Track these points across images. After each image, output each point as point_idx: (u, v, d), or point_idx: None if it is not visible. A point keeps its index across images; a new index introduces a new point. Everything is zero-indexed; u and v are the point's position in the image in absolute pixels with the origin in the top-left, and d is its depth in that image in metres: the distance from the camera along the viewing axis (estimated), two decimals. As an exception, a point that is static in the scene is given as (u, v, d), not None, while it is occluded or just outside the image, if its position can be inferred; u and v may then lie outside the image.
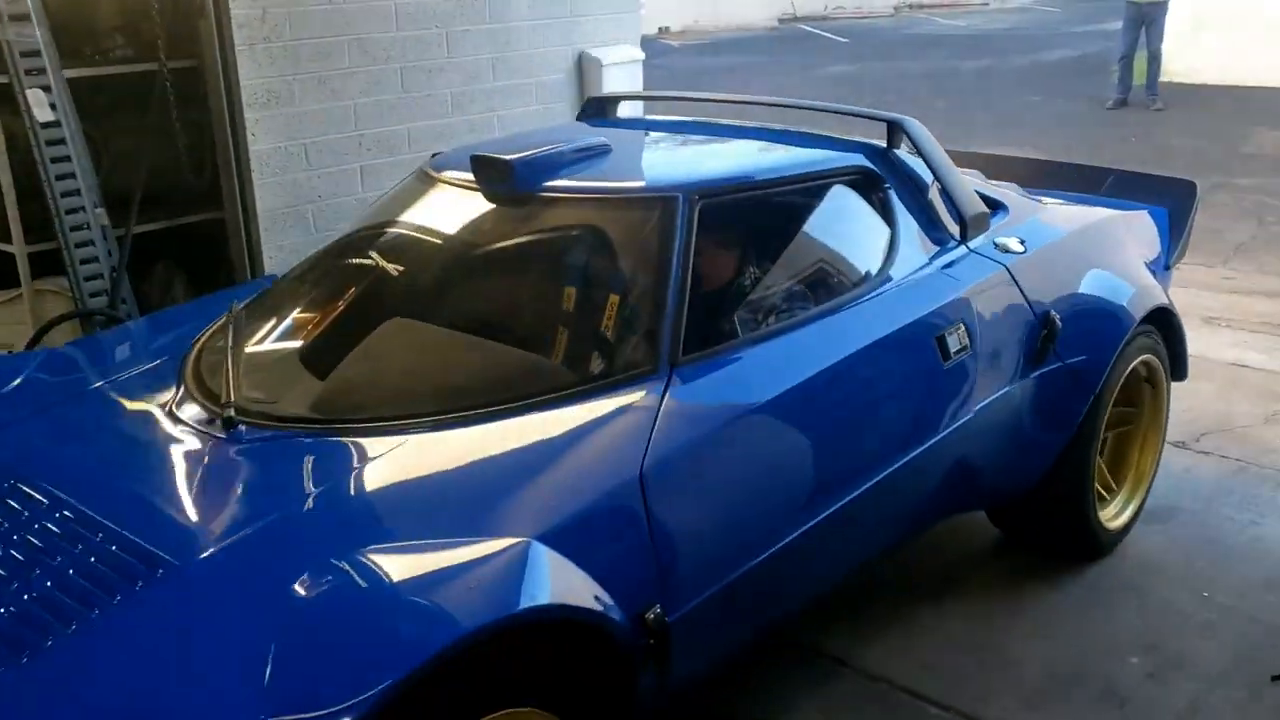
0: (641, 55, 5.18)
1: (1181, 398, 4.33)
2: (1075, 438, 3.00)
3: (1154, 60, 11.21)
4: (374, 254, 2.67)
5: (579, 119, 3.45)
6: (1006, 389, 2.83)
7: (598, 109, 3.43)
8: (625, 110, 3.57)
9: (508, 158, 2.48)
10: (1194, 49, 12.44)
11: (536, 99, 4.86)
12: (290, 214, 4.19)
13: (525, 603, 1.73)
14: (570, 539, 1.86)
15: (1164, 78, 11.51)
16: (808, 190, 2.76)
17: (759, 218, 2.67)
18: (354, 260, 2.75)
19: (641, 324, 2.27)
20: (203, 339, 2.57)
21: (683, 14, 21.71)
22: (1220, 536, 3.45)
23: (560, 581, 1.81)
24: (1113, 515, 3.31)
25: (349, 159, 4.32)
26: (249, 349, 2.44)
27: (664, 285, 2.27)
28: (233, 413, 2.11)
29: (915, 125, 2.97)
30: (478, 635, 1.64)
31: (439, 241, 2.70)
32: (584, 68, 4.98)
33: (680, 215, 2.36)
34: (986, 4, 25.46)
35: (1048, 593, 3.17)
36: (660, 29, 20.48)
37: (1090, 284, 3.07)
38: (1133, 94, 11.26)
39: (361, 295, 2.63)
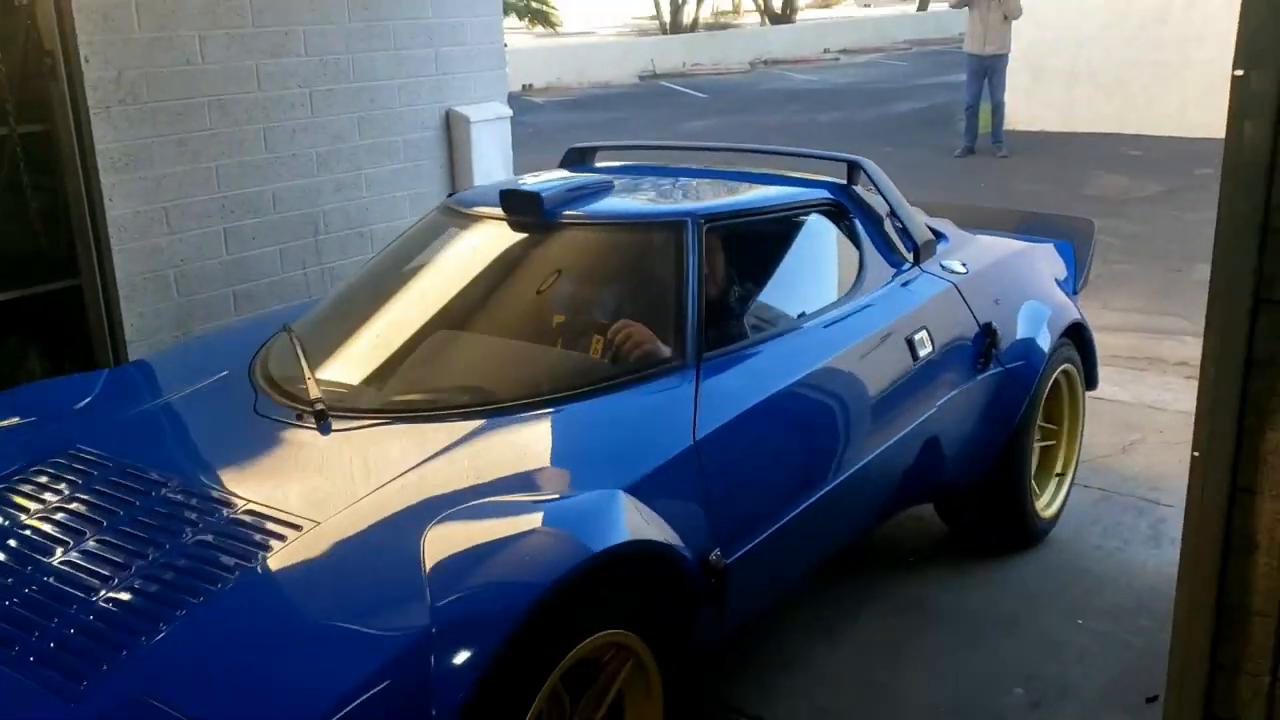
0: (509, 112, 5.21)
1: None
2: (1014, 433, 3.40)
3: (998, 110, 11.78)
4: (412, 275, 3.09)
5: (560, 166, 3.72)
6: (961, 387, 3.26)
7: (577, 158, 3.77)
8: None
9: (536, 190, 2.91)
10: (1034, 99, 13.15)
11: (405, 157, 4.83)
12: (152, 280, 4.04)
13: (622, 538, 2.09)
14: (645, 496, 2.23)
15: (1008, 126, 12.11)
16: (790, 218, 3.23)
17: (752, 239, 3.12)
18: (395, 280, 3.12)
19: (670, 326, 2.67)
20: (261, 354, 2.92)
21: (546, 71, 21.94)
22: (1090, 564, 3.59)
23: (646, 524, 2.18)
24: (1045, 505, 3.71)
25: (212, 221, 4.20)
26: (316, 358, 2.73)
27: (684, 293, 2.68)
28: (323, 408, 2.48)
29: (870, 165, 3.46)
30: (591, 563, 1.99)
31: (476, 263, 3.03)
32: (452, 125, 4.98)
33: (690, 235, 2.78)
34: (837, 59, 26.42)
35: (929, 627, 3.24)
36: (524, 86, 20.64)
37: (1021, 301, 3.54)
38: (979, 142, 11.80)
39: (409, 310, 2.96)
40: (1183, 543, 2.06)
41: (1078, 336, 3.68)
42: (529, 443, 2.41)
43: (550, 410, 2.48)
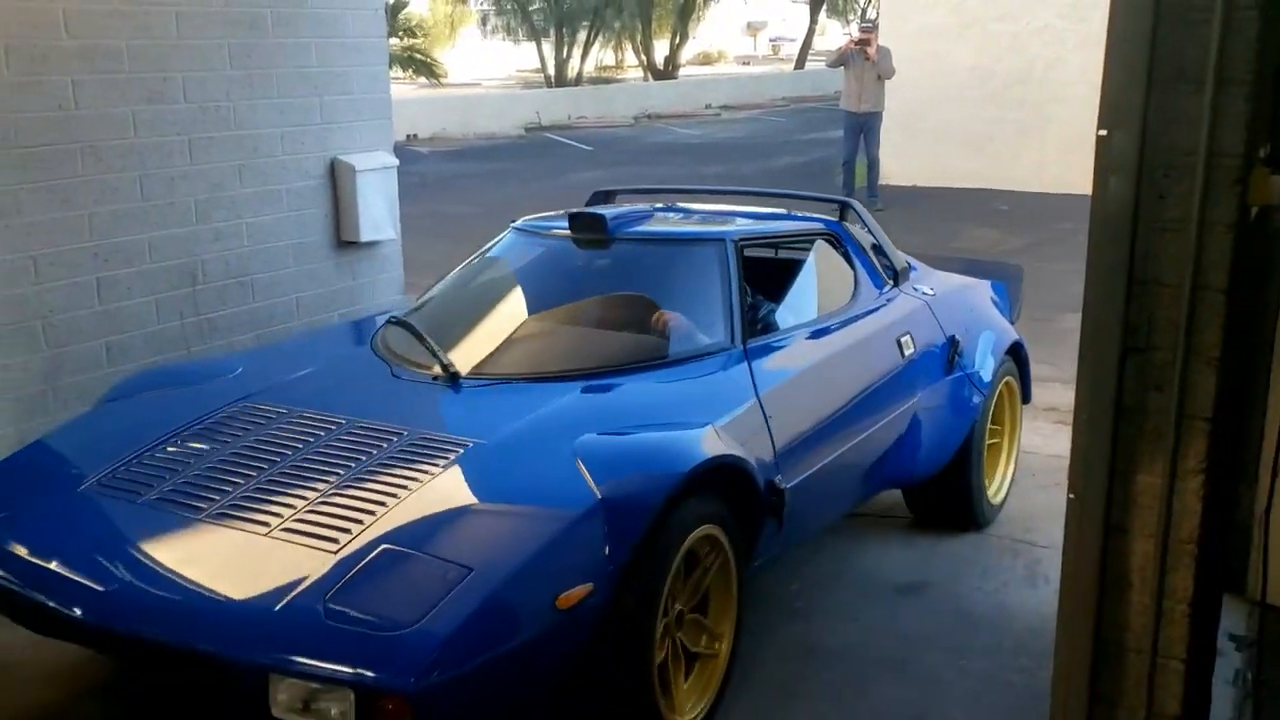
0: (395, 161, 5.17)
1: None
2: (971, 429, 4.04)
3: (873, 165, 12.17)
4: (498, 280, 3.82)
5: (587, 205, 4.28)
6: (935, 383, 3.95)
7: (603, 198, 4.48)
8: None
9: (602, 214, 3.69)
10: (908, 155, 13.63)
11: (288, 206, 4.75)
12: (18, 331, 3.88)
13: (720, 452, 2.81)
14: (728, 433, 2.95)
15: (883, 181, 12.52)
16: (799, 241, 4.05)
17: (775, 258, 4.05)
18: (482, 284, 3.86)
19: (719, 318, 3.42)
20: (377, 339, 3.57)
21: (431, 122, 21.86)
22: (970, 606, 3.68)
23: (736, 448, 2.89)
24: (994, 493, 4.33)
25: (83, 270, 4.06)
26: (433, 339, 3.31)
27: (729, 294, 3.46)
28: (456, 371, 3.18)
29: (857, 204, 4.32)
30: (702, 467, 2.70)
31: (553, 270, 3.82)
32: (337, 174, 4.92)
33: (729, 251, 3.57)
34: (718, 115, 26.97)
35: (817, 670, 3.27)
36: (409, 136, 20.51)
37: (976, 321, 4.26)
38: (856, 195, 12.15)
39: (502, 305, 3.66)
40: (1061, 583, 2.13)
41: (1017, 355, 4.37)
42: (629, 396, 3.14)
43: (635, 376, 3.22)
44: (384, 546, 2.42)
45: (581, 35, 33.55)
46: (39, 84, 3.85)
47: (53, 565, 2.56)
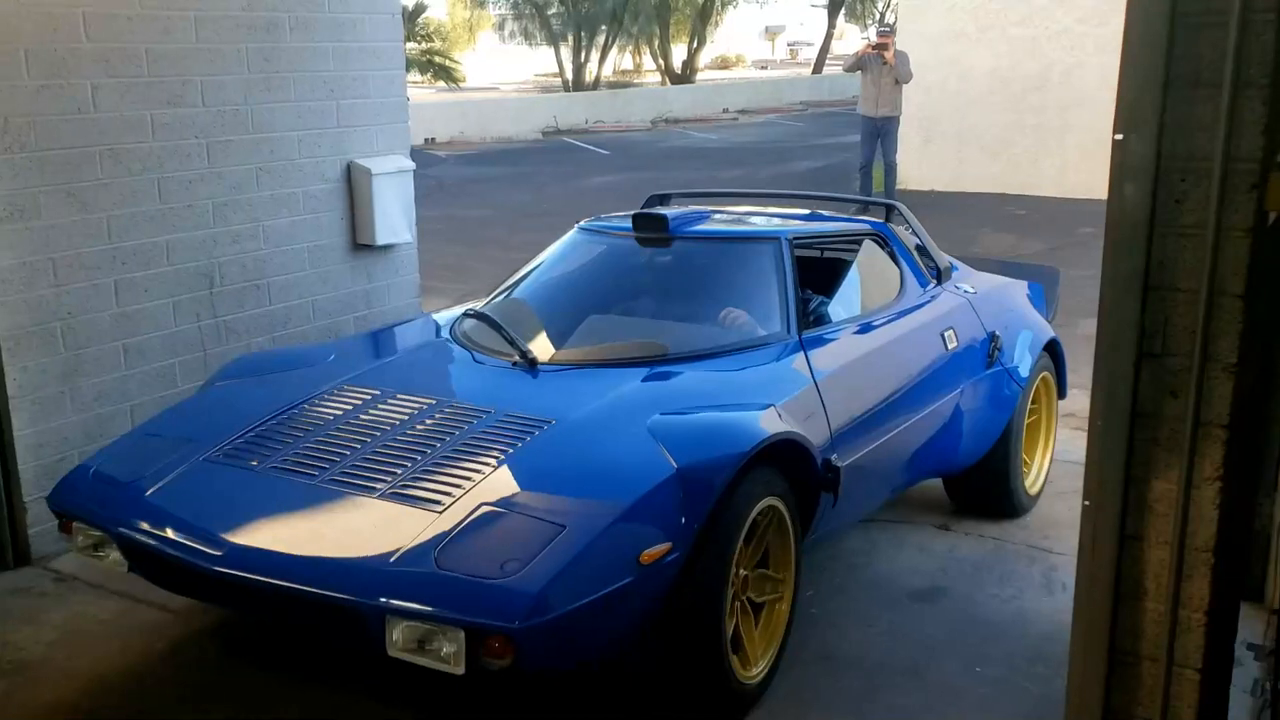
0: (412, 165, 5.18)
1: (938, 483, 4.60)
2: (1010, 421, 4.21)
3: (890, 170, 12.14)
4: (566, 276, 4.09)
5: (645, 206, 4.53)
6: (976, 376, 4.11)
7: (658, 200, 4.68)
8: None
9: (665, 214, 3.95)
10: (926, 159, 13.61)
11: (304, 209, 4.76)
12: (37, 333, 3.90)
13: (782, 429, 3.03)
14: (788, 414, 3.17)
15: (900, 185, 12.48)
16: (849, 240, 4.23)
17: (823, 256, 4.25)
18: (552, 281, 4.08)
19: (776, 310, 3.65)
20: (455, 330, 3.84)
21: (448, 126, 21.94)
22: (986, 613, 3.66)
23: (796, 427, 3.12)
24: (1030, 483, 4.49)
25: (102, 273, 4.08)
26: (508, 329, 3.57)
27: (784, 288, 3.69)
28: (534, 357, 3.45)
29: (904, 207, 4.54)
30: (767, 441, 2.93)
31: (619, 266, 4.07)
32: (353, 177, 4.93)
33: (784, 248, 3.79)
34: (736, 119, 26.98)
35: (832, 677, 3.26)
36: (426, 140, 20.60)
37: (1015, 318, 4.44)
38: (873, 201, 12.13)
39: (573, 299, 3.95)
40: (1075, 590, 2.12)
41: (1053, 351, 4.52)
42: (696, 380, 3.35)
43: (700, 363, 3.45)
44: (484, 507, 2.71)
45: (599, 40, 33.59)
46: (59, 87, 3.88)
47: (187, 527, 2.84)
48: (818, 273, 4.09)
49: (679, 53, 36.61)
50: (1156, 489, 1.97)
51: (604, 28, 32.95)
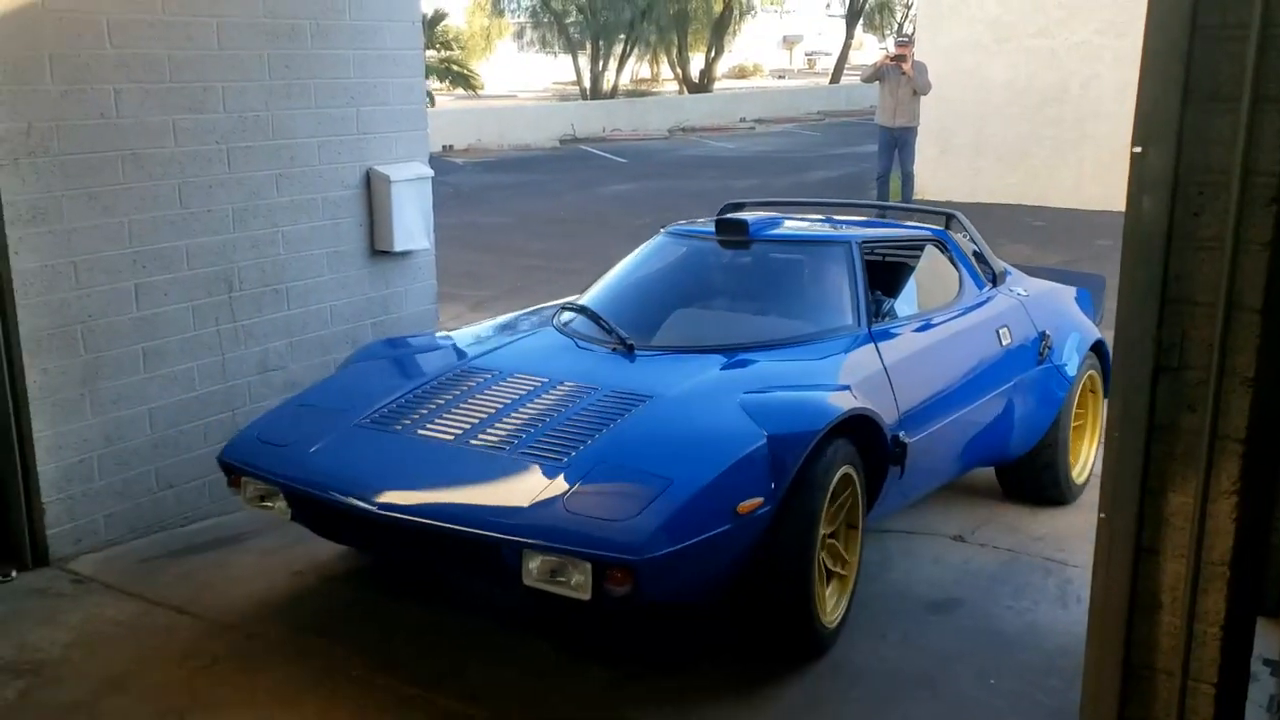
0: (430, 172, 5.21)
1: (954, 493, 4.60)
2: (1058, 414, 4.52)
3: (907, 180, 12.13)
4: (655, 275, 4.49)
5: (720, 213, 4.81)
6: (1027, 371, 4.42)
7: (733, 208, 5.01)
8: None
9: (745, 219, 4.39)
10: (942, 170, 13.58)
11: (324, 215, 4.79)
12: (57, 335, 3.93)
13: (857, 405, 3.43)
14: (862, 394, 3.54)
15: (917, 195, 12.46)
16: (912, 245, 4.63)
17: (889, 259, 4.64)
18: (643, 279, 4.50)
19: (848, 305, 4.03)
20: (556, 321, 4.25)
21: (467, 133, 22.02)
22: (1000, 625, 3.65)
23: (869, 405, 3.49)
24: (1077, 474, 4.76)
25: (122, 277, 4.11)
26: (606, 320, 4.01)
27: (856, 284, 4.07)
28: (632, 343, 3.86)
29: (961, 216, 4.97)
30: (844, 415, 3.32)
31: (704, 266, 4.46)
32: (372, 184, 4.96)
33: (854, 251, 4.18)
34: (753, 129, 26.98)
35: (846, 688, 3.25)
36: (444, 147, 20.66)
37: (1064, 320, 4.76)
38: (889, 211, 12.11)
39: (663, 295, 4.35)
40: (1090, 603, 2.11)
41: (1099, 352, 4.77)
42: (778, 364, 3.73)
43: (780, 350, 3.84)
44: (601, 464, 3.14)
45: (617, 48, 33.65)
46: (82, 92, 3.91)
47: (348, 479, 3.29)
48: (885, 274, 4.49)
49: (697, 62, 36.65)
50: (1173, 502, 1.97)
51: (622, 36, 33.02)
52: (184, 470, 4.39)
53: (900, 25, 38.95)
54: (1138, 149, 1.91)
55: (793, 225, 4.71)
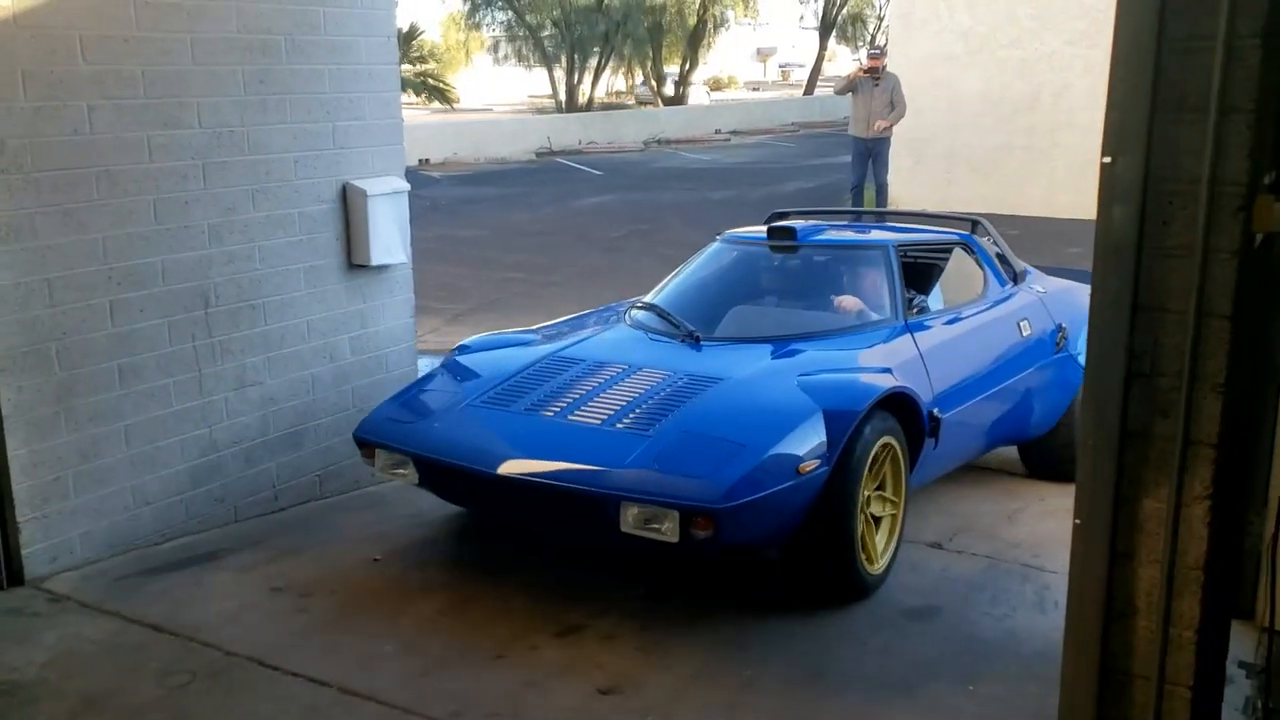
0: (407, 186, 5.20)
1: (931, 500, 4.62)
2: (1074, 399, 4.92)
3: (881, 191, 12.20)
4: (713, 276, 5.06)
5: (766, 222, 5.49)
6: (1045, 360, 4.93)
7: (779, 216, 5.66)
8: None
9: (794, 226, 5.07)
10: (916, 180, 13.67)
11: (300, 229, 4.78)
12: (31, 353, 3.90)
13: (898, 384, 3.95)
14: (902, 375, 4.07)
15: (890, 205, 12.54)
16: (942, 248, 5.18)
17: (921, 260, 5.02)
18: (703, 280, 5.04)
19: (886, 300, 4.59)
20: (628, 315, 4.85)
21: (443, 147, 21.99)
22: (978, 631, 3.67)
23: (908, 385, 4.02)
24: None
25: (97, 293, 4.08)
26: (674, 315, 4.60)
27: (893, 283, 4.63)
28: (698, 335, 4.43)
29: (986, 222, 5.52)
30: (886, 393, 3.86)
31: (758, 268, 5.07)
32: (349, 198, 4.95)
33: (891, 253, 4.75)
34: (728, 140, 27.09)
35: (825, 695, 3.26)
36: (421, 160, 20.64)
37: (1079, 313, 4.86)
38: (865, 222, 12.19)
39: (721, 293, 4.89)
40: (1067, 608, 2.13)
41: None
42: (829, 351, 4.28)
43: (830, 339, 4.42)
44: (683, 433, 3.70)
45: (592, 62, 33.73)
46: (55, 109, 3.89)
47: (470, 448, 3.86)
48: (919, 273, 4.96)
49: (672, 74, 36.77)
50: (1147, 507, 1.99)
51: (597, 50, 33.10)
52: (161, 487, 4.36)
53: (873, 37, 39.22)
54: (1108, 159, 1.94)
55: (835, 231, 5.33)
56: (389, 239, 5.07)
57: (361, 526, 4.62)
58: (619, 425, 3.79)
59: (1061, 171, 12.88)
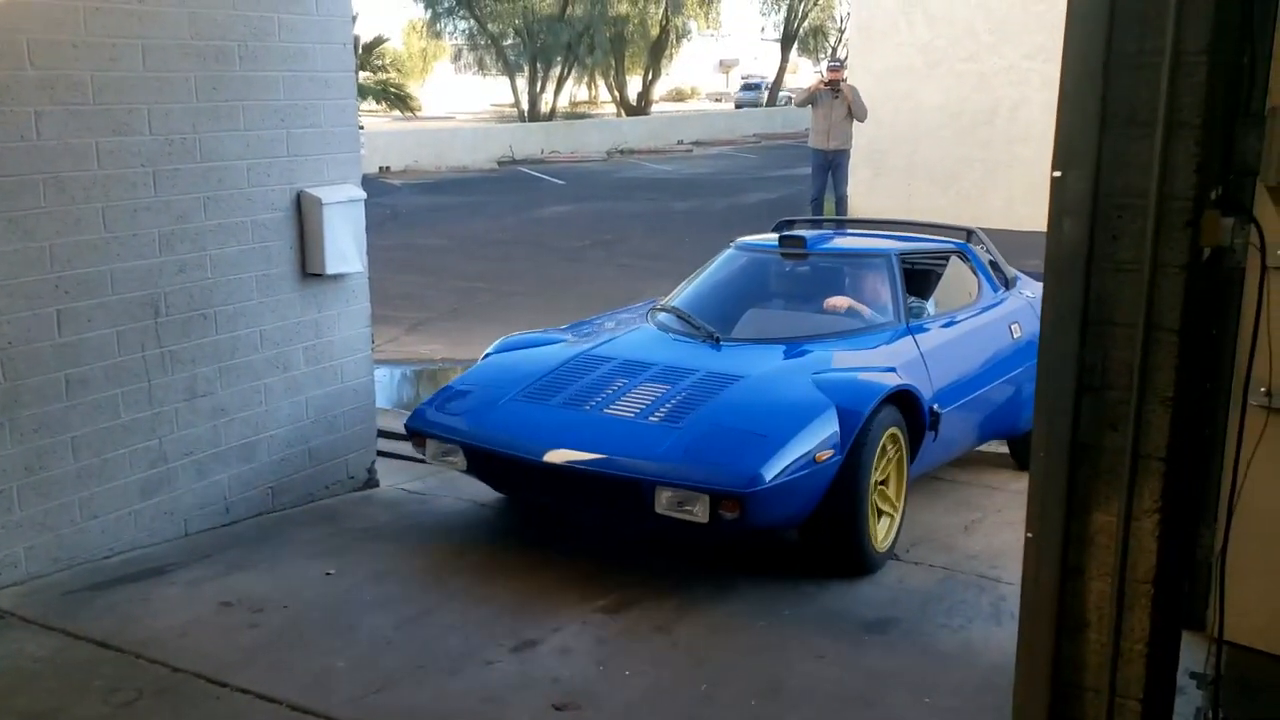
0: (363, 195, 5.15)
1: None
2: None
3: (841, 202, 12.27)
4: (728, 281, 5.41)
5: (774, 230, 5.79)
6: (1034, 360, 4.81)
7: (786, 225, 5.95)
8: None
9: (803, 235, 5.48)
10: (876, 192, 13.76)
11: (253, 238, 4.71)
12: (-26, 363, 3.82)
13: (903, 382, 4.33)
14: (904, 374, 4.44)
15: (851, 217, 12.61)
16: (940, 256, 5.57)
17: (921, 267, 5.44)
18: (719, 285, 5.39)
19: (889, 304, 4.98)
20: (649, 317, 5.21)
21: (403, 154, 21.89)
22: (935, 643, 3.67)
23: (910, 382, 4.38)
24: None
25: (43, 302, 4.00)
26: (694, 317, 4.98)
27: (896, 288, 5.01)
28: (718, 335, 4.79)
29: (979, 232, 5.88)
30: (892, 390, 4.23)
31: (769, 274, 5.47)
32: (303, 206, 4.89)
33: (894, 261, 5.14)
34: (690, 151, 27.16)
35: (784, 709, 3.24)
36: (381, 168, 20.52)
37: None
38: (826, 233, 12.24)
39: (738, 297, 5.25)
40: (1019, 622, 2.13)
41: None
42: (838, 351, 4.64)
43: (838, 339, 4.78)
44: (710, 425, 4.07)
45: (555, 71, 33.73)
46: (1, 114, 3.81)
47: (515, 438, 4.23)
48: (919, 279, 5.34)
49: (634, 84, 36.84)
50: (1097, 521, 1.99)
51: (559, 59, 33.11)
52: (109, 500, 4.28)
53: (834, 50, 39.52)
54: (1058, 173, 1.95)
55: (842, 240, 5.88)
56: (344, 247, 5.02)
57: (314, 540, 4.56)
58: (651, 418, 4.14)
59: (1020, 184, 13.01)
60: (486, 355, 5.02)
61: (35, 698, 3.26)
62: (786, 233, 5.52)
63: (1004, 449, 5.77)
